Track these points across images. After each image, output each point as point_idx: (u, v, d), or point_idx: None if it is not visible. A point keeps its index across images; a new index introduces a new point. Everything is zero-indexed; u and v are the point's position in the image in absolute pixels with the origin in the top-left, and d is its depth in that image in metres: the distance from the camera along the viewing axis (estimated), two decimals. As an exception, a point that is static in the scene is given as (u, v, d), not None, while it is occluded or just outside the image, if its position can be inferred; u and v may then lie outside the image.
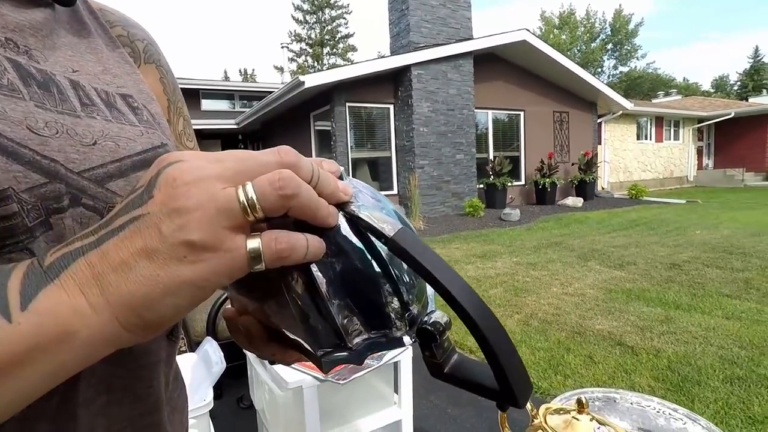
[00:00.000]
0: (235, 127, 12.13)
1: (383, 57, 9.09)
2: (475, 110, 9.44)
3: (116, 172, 0.32)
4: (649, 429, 0.76)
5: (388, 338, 0.27)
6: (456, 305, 0.23)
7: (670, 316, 3.24)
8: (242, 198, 0.22)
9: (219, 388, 2.40)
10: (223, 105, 14.63)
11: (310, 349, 0.27)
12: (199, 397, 1.50)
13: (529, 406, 0.67)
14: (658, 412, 0.80)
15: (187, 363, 1.67)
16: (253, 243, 0.22)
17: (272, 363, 0.34)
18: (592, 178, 11.03)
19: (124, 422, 0.33)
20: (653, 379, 2.36)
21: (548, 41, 10.23)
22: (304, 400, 1.30)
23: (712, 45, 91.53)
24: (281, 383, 1.32)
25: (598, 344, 2.82)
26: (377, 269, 0.26)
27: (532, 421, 0.64)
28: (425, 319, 0.27)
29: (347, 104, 8.48)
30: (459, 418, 2.15)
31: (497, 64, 9.95)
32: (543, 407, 0.64)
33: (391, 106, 9.04)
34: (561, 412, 0.61)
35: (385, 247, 0.26)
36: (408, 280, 0.28)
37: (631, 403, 0.83)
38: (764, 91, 28.83)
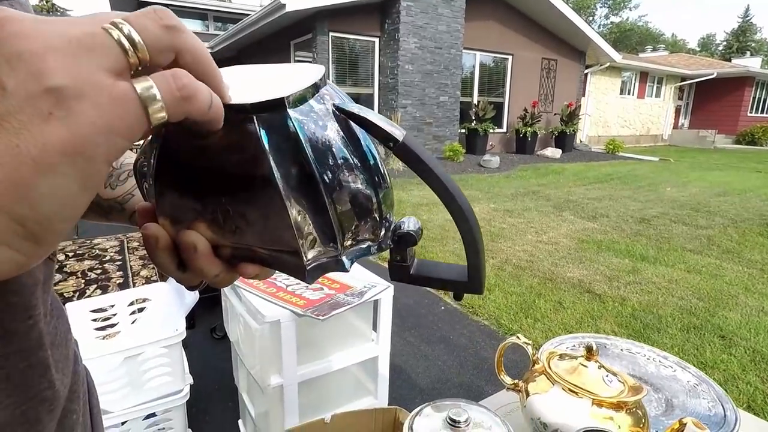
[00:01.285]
0: (209, 51, 11.28)
1: (371, -17, 8.43)
2: (463, 51, 9.06)
3: None
4: (640, 375, 0.75)
5: (374, 243, 0.28)
6: (454, 205, 0.26)
7: (637, 267, 3.36)
8: (116, 34, 0.17)
9: (192, 318, 2.37)
10: (195, 26, 13.52)
11: (291, 258, 0.25)
12: (172, 326, 1.46)
13: (530, 350, 0.63)
14: (648, 359, 0.80)
15: (158, 292, 1.60)
16: (144, 82, 0.18)
17: (195, 288, 0.30)
18: (573, 131, 11.03)
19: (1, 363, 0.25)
20: (617, 326, 2.48)
21: (544, -19, 9.67)
22: (282, 335, 1.27)
23: (705, 1, 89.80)
24: (257, 316, 1.28)
25: (568, 291, 2.91)
26: (366, 173, 0.26)
27: (533, 365, 0.61)
28: (401, 224, 0.28)
29: (330, 34, 7.96)
30: (431, 356, 2.21)
31: (490, 2, 9.44)
32: (546, 351, 0.61)
33: (377, 40, 8.55)
34: (566, 357, 0.58)
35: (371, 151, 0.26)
36: (385, 188, 0.27)
37: (622, 350, 0.82)
38: (748, 53, 28.88)
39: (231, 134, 0.22)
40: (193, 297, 1.51)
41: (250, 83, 0.25)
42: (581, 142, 12.81)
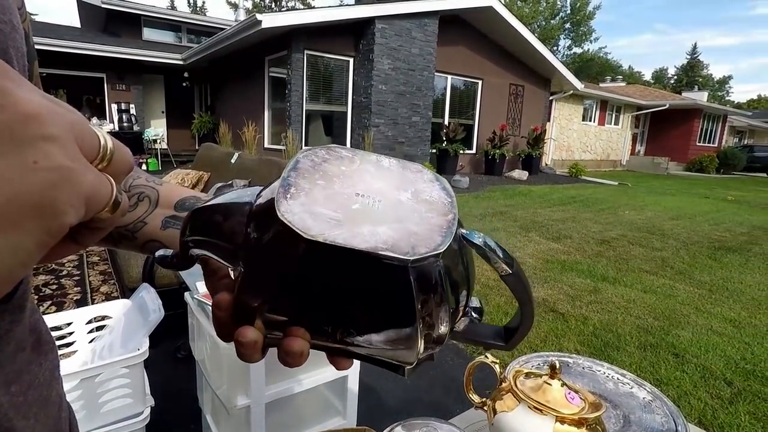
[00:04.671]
0: (181, 62, 11.12)
1: (348, 5, 8.61)
2: (435, 73, 9.32)
3: None
4: (600, 393, 0.79)
5: (458, 325, 0.30)
6: (529, 307, 0.32)
7: (598, 287, 3.50)
8: (102, 138, 0.20)
9: (155, 337, 2.28)
10: (167, 37, 13.29)
11: (398, 365, 0.28)
12: (133, 345, 1.40)
13: (497, 369, 0.66)
14: (607, 376, 0.84)
15: (120, 310, 1.54)
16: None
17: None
18: (539, 154, 11.46)
19: None
20: (579, 344, 2.56)
21: (512, 12, 10.17)
22: (251, 354, 1.25)
23: (658, 37, 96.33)
24: (226, 335, 1.25)
25: (534, 310, 2.99)
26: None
27: (500, 383, 0.63)
28: (470, 304, 0.31)
29: (306, 52, 8.03)
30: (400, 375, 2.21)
31: (461, 28, 9.81)
32: (513, 370, 0.63)
33: (351, 60, 8.68)
34: (532, 376, 0.60)
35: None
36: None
37: (584, 368, 0.86)
38: (696, 87, 31.03)
39: (379, 276, 0.22)
40: (157, 315, 1.46)
41: (380, 201, 0.24)
42: (546, 165, 13.31)
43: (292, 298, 0.23)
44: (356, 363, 1.49)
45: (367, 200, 0.23)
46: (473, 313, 0.31)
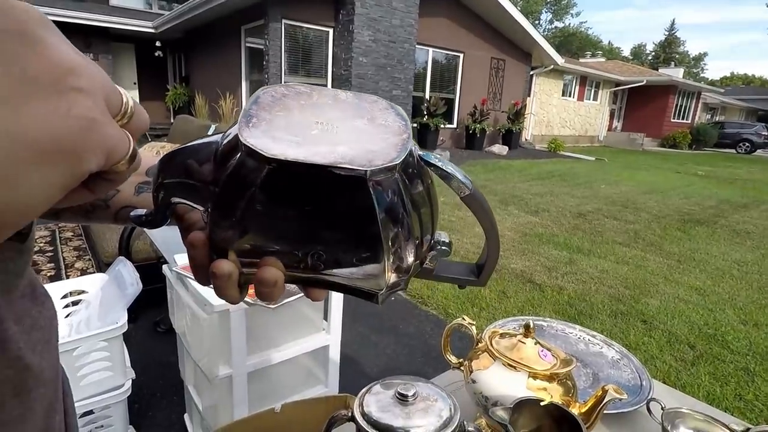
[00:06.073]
0: (153, 31, 10.61)
1: (325, -28, 8.29)
2: (417, 46, 9.16)
3: None
4: (572, 353, 0.83)
5: (422, 261, 0.31)
6: (493, 232, 0.33)
7: (573, 258, 3.60)
8: (125, 97, 0.21)
9: (134, 312, 2.26)
10: (137, 3, 12.60)
11: (369, 291, 0.28)
12: (111, 319, 1.39)
13: (474, 330, 0.68)
14: (579, 338, 0.88)
15: (96, 283, 1.52)
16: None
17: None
18: (519, 129, 11.52)
19: None
20: (554, 312, 2.65)
21: (495, -17, 10.02)
22: (231, 324, 1.25)
23: (638, 12, 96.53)
24: (206, 306, 1.25)
25: (512, 281, 3.07)
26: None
27: (477, 344, 0.65)
28: (439, 239, 0.31)
29: (284, 21, 7.76)
30: (380, 344, 2.26)
31: (443, -1, 9.61)
32: (488, 331, 0.65)
33: (331, 30, 8.44)
34: (507, 336, 0.63)
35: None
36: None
37: (557, 330, 0.89)
38: (672, 63, 31.45)
39: (339, 192, 0.23)
40: (135, 288, 1.44)
41: (337, 127, 0.25)
42: (526, 140, 13.41)
43: (260, 223, 0.24)
44: (337, 333, 1.52)
45: (325, 126, 0.24)
46: (442, 247, 0.31)
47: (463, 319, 0.66)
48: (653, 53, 45.92)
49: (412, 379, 0.57)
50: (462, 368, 0.67)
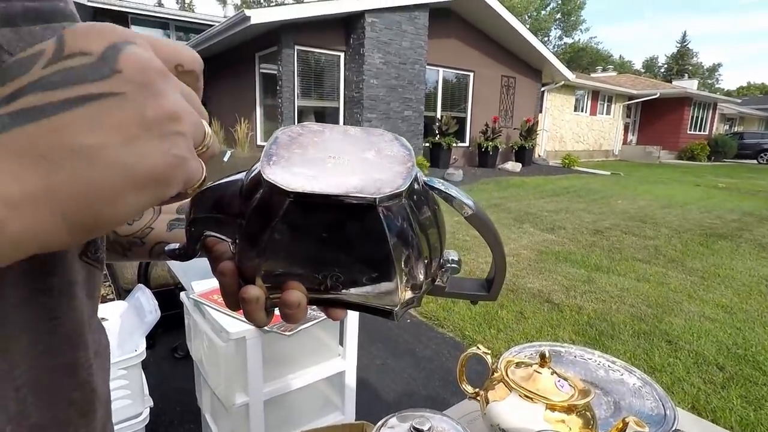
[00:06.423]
0: (168, 60, 10.99)
1: (336, -1, 8.55)
2: (427, 66, 9.30)
3: (2, 16, 0.25)
4: (592, 380, 0.81)
5: (434, 279, 0.33)
6: (498, 249, 0.34)
7: (592, 277, 3.53)
8: (207, 132, 0.24)
9: (152, 338, 2.28)
10: (156, 34, 13.01)
11: (385, 308, 0.30)
12: (131, 347, 1.41)
13: (489, 359, 0.67)
14: (598, 364, 0.86)
15: (116, 311, 1.55)
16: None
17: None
18: (532, 145, 11.49)
19: (24, 364, 0.26)
20: (574, 333, 2.59)
21: (503, 2, 10.15)
22: (247, 351, 1.26)
23: (648, 25, 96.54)
24: (222, 333, 1.26)
25: (529, 301, 3.02)
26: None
27: (492, 373, 0.64)
28: (448, 258, 0.33)
29: (296, 47, 7.98)
30: (397, 368, 2.23)
31: (452, 20, 9.77)
32: (504, 360, 0.64)
33: (342, 54, 8.64)
34: (522, 365, 0.62)
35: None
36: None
37: (575, 356, 0.88)
38: (686, 75, 31.17)
39: (352, 218, 0.25)
40: (153, 316, 1.46)
41: (348, 160, 0.28)
42: (540, 156, 13.35)
43: (283, 250, 0.27)
44: (352, 358, 1.51)
45: (337, 160, 0.27)
46: (452, 264, 0.33)
47: (478, 348, 0.66)
48: (666, 66, 45.65)
49: (427, 411, 0.57)
50: (478, 398, 0.66)
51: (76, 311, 0.30)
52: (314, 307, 0.31)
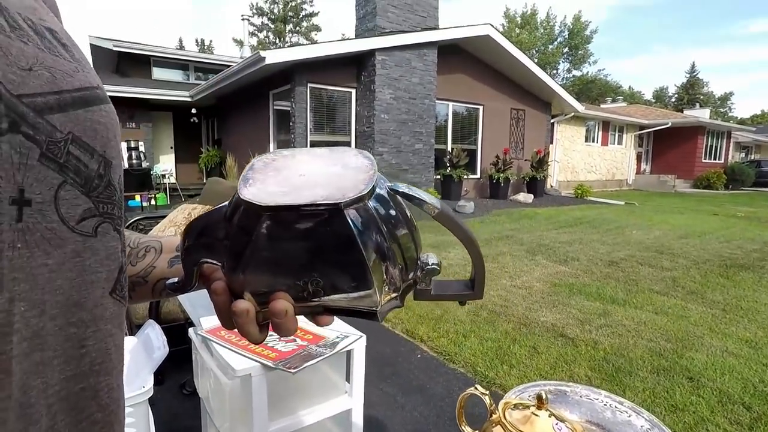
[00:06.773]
0: (189, 99, 11.48)
1: (348, 39, 8.91)
2: (437, 101, 9.51)
3: (56, 105, 0.29)
4: (598, 422, 0.79)
5: (414, 281, 0.35)
6: (473, 247, 0.35)
7: (607, 310, 3.44)
8: None
9: (160, 374, 2.28)
10: (176, 75, 13.77)
11: (367, 309, 0.32)
12: (138, 384, 1.41)
13: (487, 401, 0.67)
14: (605, 405, 0.83)
15: (126, 347, 1.56)
16: None
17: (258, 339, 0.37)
18: (543, 176, 11.49)
19: (56, 385, 0.29)
20: (590, 369, 2.51)
21: (511, 39, 10.45)
22: (252, 389, 1.25)
23: (656, 57, 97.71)
24: (228, 371, 1.26)
25: (542, 336, 2.95)
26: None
27: (491, 416, 0.63)
28: (427, 260, 0.35)
29: (309, 85, 8.26)
30: (407, 406, 2.18)
31: (460, 56, 10.05)
32: (502, 402, 0.64)
33: (353, 91, 8.91)
34: (520, 407, 0.61)
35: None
36: (419, 239, 0.35)
37: (581, 396, 0.85)
38: (697, 104, 31.18)
39: (323, 225, 0.28)
40: (162, 352, 1.47)
41: (316, 175, 0.30)
42: (552, 187, 13.31)
43: (265, 261, 0.29)
44: (359, 395, 1.48)
45: (307, 177, 0.30)
46: (431, 266, 0.34)
47: (476, 388, 0.65)
48: (676, 95, 45.81)
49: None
50: (479, 441, 0.65)
51: (102, 342, 0.33)
52: (320, 343, 0.34)
